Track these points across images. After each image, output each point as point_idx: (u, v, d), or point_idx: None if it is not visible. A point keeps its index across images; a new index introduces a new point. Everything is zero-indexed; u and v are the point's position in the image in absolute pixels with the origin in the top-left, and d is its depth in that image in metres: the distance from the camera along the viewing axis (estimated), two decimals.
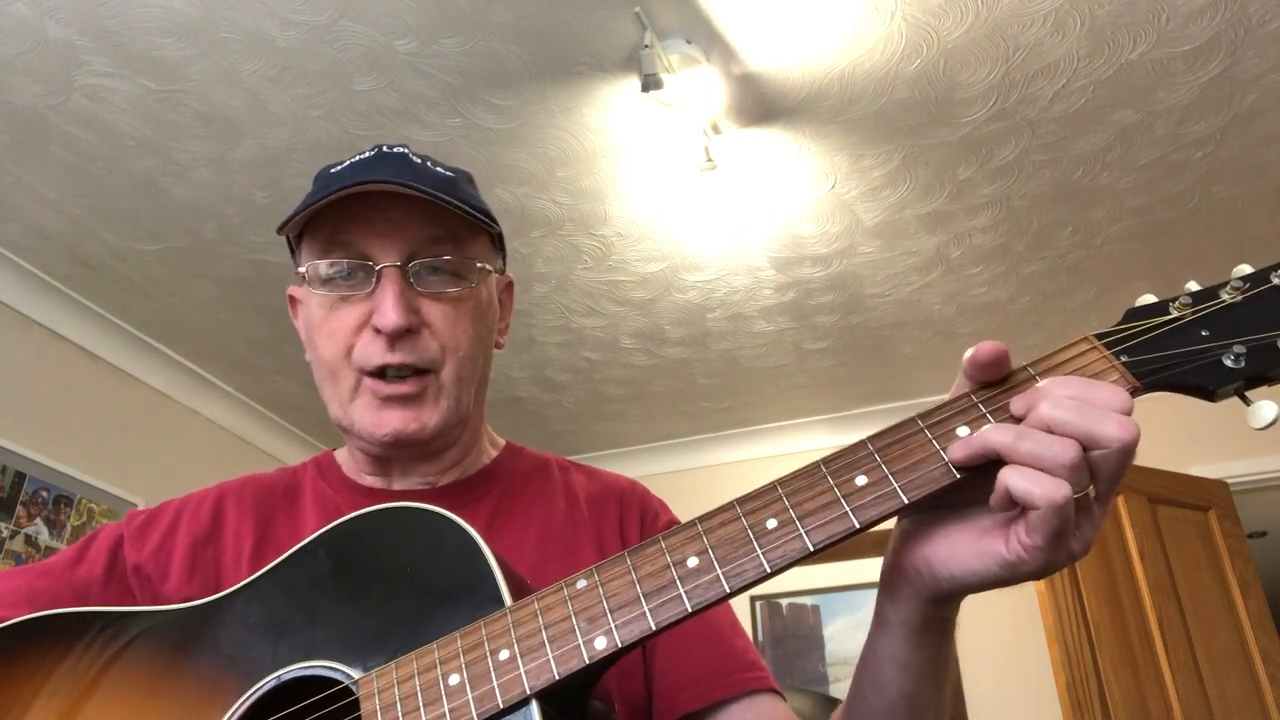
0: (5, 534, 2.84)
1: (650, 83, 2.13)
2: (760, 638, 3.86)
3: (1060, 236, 2.95)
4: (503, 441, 0.97)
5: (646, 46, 2.12)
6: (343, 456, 0.93)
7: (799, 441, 4.17)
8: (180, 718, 0.66)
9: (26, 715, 0.69)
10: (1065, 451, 0.50)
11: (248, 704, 0.65)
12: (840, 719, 0.69)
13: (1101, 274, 3.14)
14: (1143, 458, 3.22)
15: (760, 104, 2.39)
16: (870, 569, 3.67)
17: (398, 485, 0.87)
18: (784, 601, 3.89)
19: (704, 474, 4.27)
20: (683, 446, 4.37)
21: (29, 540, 2.91)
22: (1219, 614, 3.02)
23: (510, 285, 0.96)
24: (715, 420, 4.19)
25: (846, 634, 3.76)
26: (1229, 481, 3.36)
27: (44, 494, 2.98)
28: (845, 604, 3.79)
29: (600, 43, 2.19)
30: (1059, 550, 0.51)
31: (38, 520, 2.95)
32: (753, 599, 3.89)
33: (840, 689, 3.65)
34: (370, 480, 0.88)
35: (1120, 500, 3.06)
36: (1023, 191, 2.74)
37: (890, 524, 0.61)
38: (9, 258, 2.91)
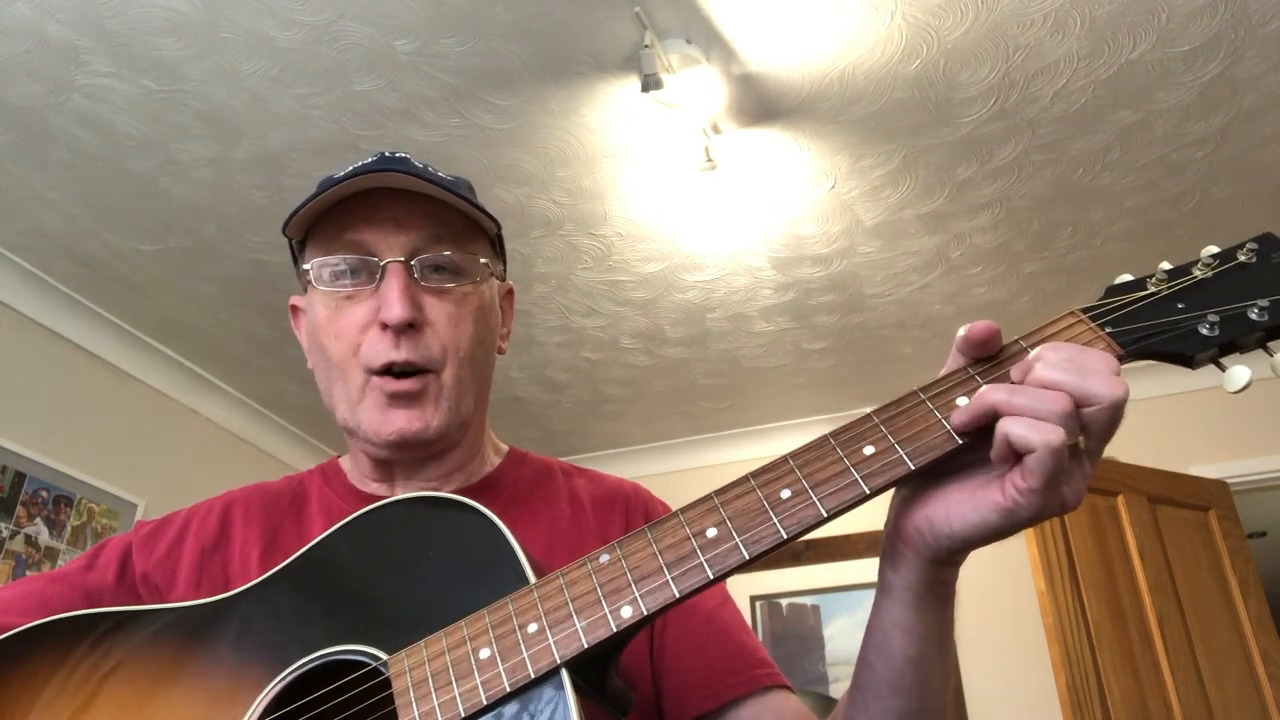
0: (5, 534, 2.84)
1: (650, 83, 2.13)
2: (760, 638, 3.85)
3: (1060, 236, 2.95)
4: (506, 448, 0.97)
5: (646, 46, 2.12)
6: (347, 463, 0.93)
7: (799, 441, 4.04)
8: (208, 706, 0.67)
9: (55, 713, 0.69)
10: (1058, 403, 0.53)
11: (276, 690, 0.66)
12: (848, 693, 0.70)
13: (1101, 274, 3.14)
14: (1143, 458, 3.23)
15: (760, 104, 2.39)
16: (870, 569, 3.68)
17: (400, 491, 0.88)
18: (784, 601, 3.89)
19: (704, 474, 4.27)
20: (682, 446, 4.37)
21: (29, 540, 2.91)
22: (1219, 614, 3.02)
23: (511, 292, 0.97)
24: (715, 420, 4.19)
25: (846, 634, 3.76)
26: (1229, 481, 3.36)
27: (44, 494, 2.98)
28: (845, 604, 3.79)
29: (600, 43, 2.19)
30: (1053, 495, 0.54)
31: (38, 520, 2.95)
32: (753, 599, 3.89)
33: (840, 689, 3.65)
34: (375, 486, 0.88)
35: (1120, 500, 3.06)
36: (1023, 191, 2.74)
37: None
38: (9, 258, 2.91)
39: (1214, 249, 0.62)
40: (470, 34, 2.15)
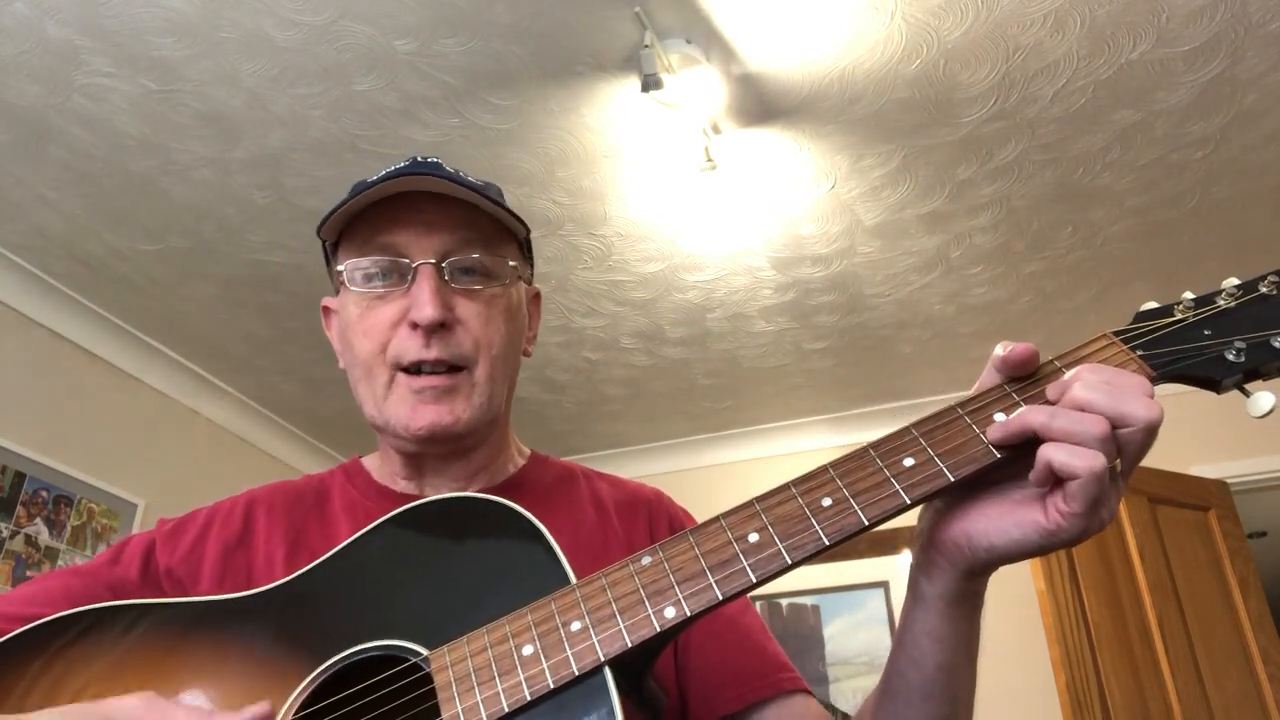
0: (5, 534, 2.84)
1: (650, 83, 2.13)
2: None
3: (1060, 236, 2.95)
4: (528, 451, 0.98)
5: (646, 46, 2.12)
6: (371, 463, 0.94)
7: (799, 441, 4.17)
8: (244, 698, 0.67)
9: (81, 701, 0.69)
10: (1097, 426, 0.55)
11: (317, 682, 0.66)
12: (875, 699, 0.71)
13: (1101, 274, 3.14)
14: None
15: (760, 104, 2.39)
16: (870, 569, 3.69)
17: (429, 490, 0.89)
18: (784, 601, 3.89)
19: (704, 474, 4.27)
20: (683, 446, 4.37)
21: (29, 540, 2.91)
22: (1219, 614, 3.02)
23: (538, 296, 0.98)
24: (715, 420, 4.19)
25: (846, 634, 3.76)
26: (1229, 481, 3.36)
27: (44, 494, 2.98)
28: (845, 604, 3.79)
29: (600, 43, 2.19)
30: (1094, 517, 0.56)
31: (38, 520, 2.95)
32: (752, 598, 3.89)
33: (840, 689, 3.65)
34: (404, 484, 0.89)
35: (1120, 500, 3.06)
36: (1023, 191, 2.74)
37: (907, 518, 0.64)
38: (9, 258, 2.91)
39: (1236, 280, 0.65)
40: (470, 34, 2.15)
